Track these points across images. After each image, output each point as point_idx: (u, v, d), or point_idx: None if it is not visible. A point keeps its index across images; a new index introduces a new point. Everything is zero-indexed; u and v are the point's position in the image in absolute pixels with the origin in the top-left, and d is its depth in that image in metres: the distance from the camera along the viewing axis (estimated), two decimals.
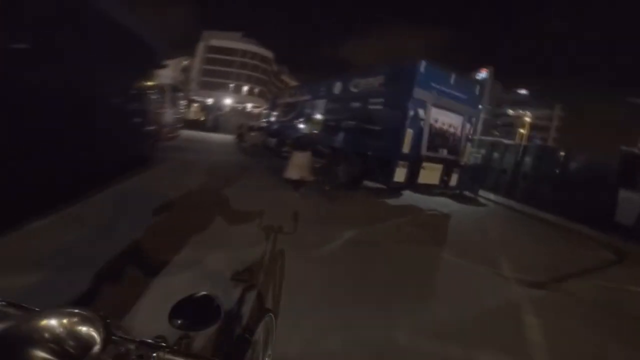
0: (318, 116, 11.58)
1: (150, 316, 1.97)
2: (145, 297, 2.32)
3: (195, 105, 49.61)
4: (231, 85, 59.59)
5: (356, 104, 9.26)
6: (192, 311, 0.82)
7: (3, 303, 0.53)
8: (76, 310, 0.46)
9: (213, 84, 56.31)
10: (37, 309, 0.49)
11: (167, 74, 11.43)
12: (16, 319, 0.45)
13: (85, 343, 0.43)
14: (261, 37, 65.81)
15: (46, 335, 0.42)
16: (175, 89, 11.68)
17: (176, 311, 0.79)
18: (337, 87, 10.55)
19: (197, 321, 0.80)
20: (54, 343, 0.41)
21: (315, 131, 11.46)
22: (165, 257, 3.04)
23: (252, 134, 17.77)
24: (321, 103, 11.47)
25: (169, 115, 10.84)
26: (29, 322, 0.43)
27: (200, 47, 59.39)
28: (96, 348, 0.43)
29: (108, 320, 0.46)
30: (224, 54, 58.79)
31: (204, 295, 0.87)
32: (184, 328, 0.78)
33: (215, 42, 58.77)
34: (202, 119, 37.97)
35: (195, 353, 0.72)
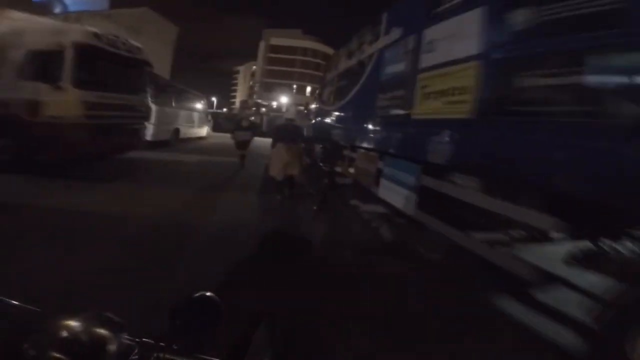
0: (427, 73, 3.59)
1: None
2: None
3: (262, 109, 46.27)
4: (294, 86, 55.26)
5: None
6: (192, 311, 0.74)
7: (10, 305, 0.56)
8: (84, 312, 0.49)
9: (276, 86, 52.58)
10: (39, 310, 0.53)
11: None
12: (24, 321, 0.49)
13: (95, 344, 0.45)
14: (322, 34, 60.40)
15: (56, 336, 0.43)
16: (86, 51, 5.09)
17: (176, 311, 0.72)
18: None
19: (197, 321, 0.72)
20: (64, 345, 0.42)
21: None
22: None
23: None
24: (452, 29, 3.34)
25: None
26: (39, 324, 0.45)
27: (262, 47, 56.34)
28: (109, 348, 0.45)
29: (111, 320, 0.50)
30: (284, 53, 54.72)
31: (204, 295, 0.78)
32: (184, 328, 0.70)
33: (275, 41, 55.00)
34: (258, 122, 33.65)
35: (195, 353, 0.65)
